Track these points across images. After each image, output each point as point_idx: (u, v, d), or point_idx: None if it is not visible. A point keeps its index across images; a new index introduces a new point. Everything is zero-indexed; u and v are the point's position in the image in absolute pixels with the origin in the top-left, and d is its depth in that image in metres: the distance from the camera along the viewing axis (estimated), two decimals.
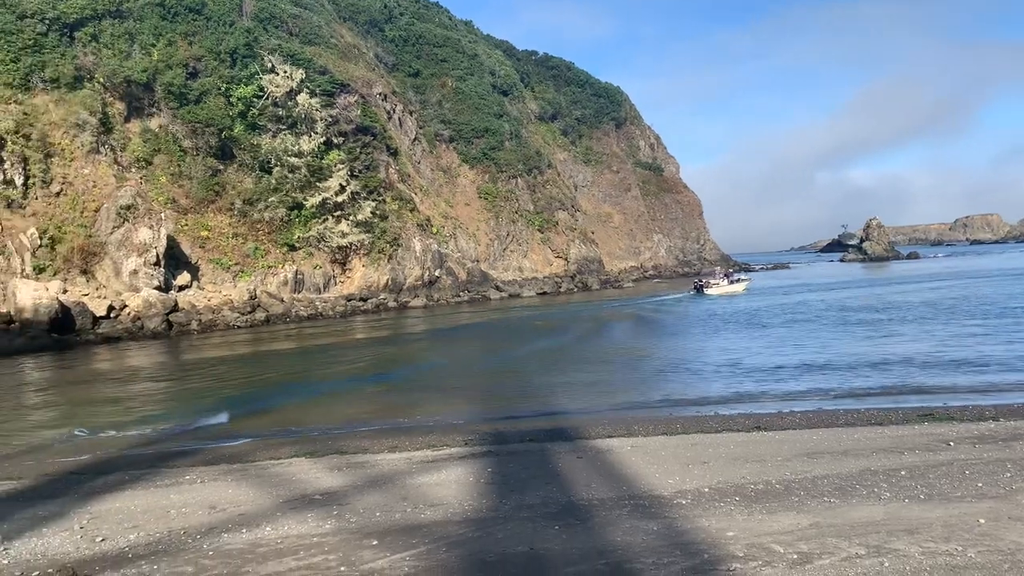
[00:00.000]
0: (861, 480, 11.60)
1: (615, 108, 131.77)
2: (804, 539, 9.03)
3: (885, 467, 12.33)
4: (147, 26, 64.78)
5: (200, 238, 60.59)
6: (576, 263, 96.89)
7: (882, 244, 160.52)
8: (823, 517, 9.84)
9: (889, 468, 12.24)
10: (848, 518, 9.76)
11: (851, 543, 8.81)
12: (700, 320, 48.94)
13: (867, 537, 8.99)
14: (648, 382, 26.22)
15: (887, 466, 12.39)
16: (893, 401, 20.57)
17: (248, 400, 25.27)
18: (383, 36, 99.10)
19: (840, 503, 10.48)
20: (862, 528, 9.33)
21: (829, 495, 10.87)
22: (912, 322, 41.35)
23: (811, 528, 9.43)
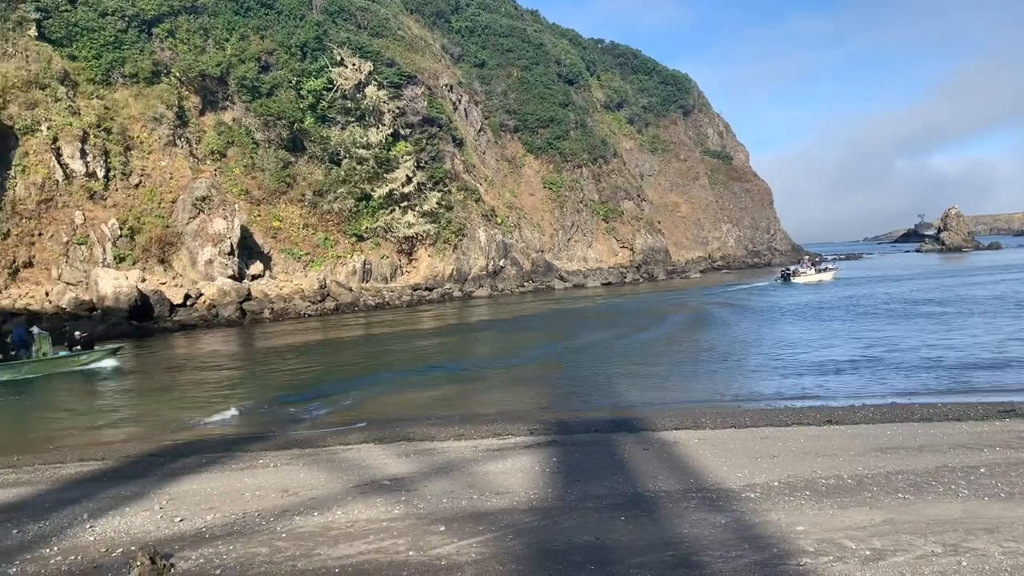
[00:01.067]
0: (937, 477, 11.27)
1: (683, 96, 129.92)
2: (877, 535, 8.83)
3: (963, 464, 11.95)
4: (221, 21, 66.45)
5: (272, 228, 62.05)
6: (642, 253, 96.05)
7: (961, 234, 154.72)
8: (897, 513, 9.61)
9: (967, 465, 11.86)
10: (924, 515, 9.51)
11: (927, 540, 8.58)
12: (784, 311, 47.98)
13: (944, 535, 8.74)
14: (718, 374, 25.87)
15: (965, 463, 12.00)
16: (972, 396, 19.88)
17: (319, 387, 25.81)
18: (449, 27, 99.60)
19: (915, 499, 10.21)
20: (938, 526, 9.08)
21: (903, 491, 10.60)
22: (1003, 315, 39.82)
23: (884, 524, 9.22)
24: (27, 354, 30.98)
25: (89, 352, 32.60)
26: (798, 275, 73.79)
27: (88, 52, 58.15)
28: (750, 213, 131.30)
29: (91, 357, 32.49)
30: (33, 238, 49.56)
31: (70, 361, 31.90)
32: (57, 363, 31.55)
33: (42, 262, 49.47)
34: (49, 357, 31.51)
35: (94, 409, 24.03)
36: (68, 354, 32.13)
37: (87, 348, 32.72)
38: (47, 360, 31.30)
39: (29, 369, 30.60)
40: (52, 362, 31.47)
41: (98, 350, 33.27)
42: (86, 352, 32.45)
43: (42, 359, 31.20)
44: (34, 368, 30.75)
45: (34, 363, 30.89)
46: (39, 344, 31.41)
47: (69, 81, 55.74)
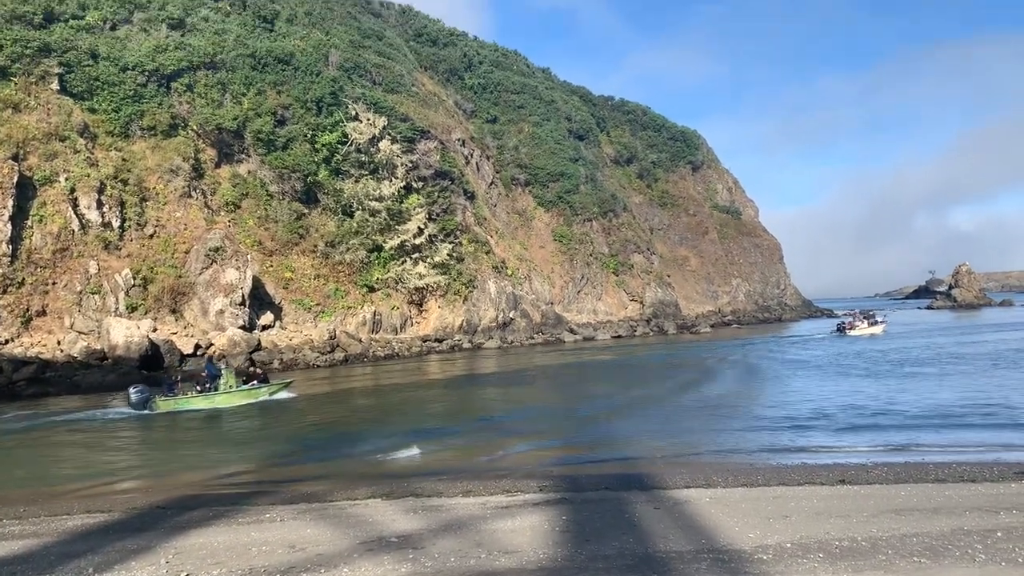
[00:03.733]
0: (953, 540, 11.08)
1: (692, 151, 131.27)
2: None
3: (980, 527, 11.75)
4: (238, 76, 67.85)
5: (284, 279, 62.46)
6: (652, 306, 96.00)
7: (972, 291, 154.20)
8: None
9: (984, 528, 11.66)
10: None
11: None
12: (827, 362, 47.80)
13: None
14: (732, 430, 25.63)
15: (982, 526, 11.80)
16: (989, 454, 19.61)
17: (327, 441, 25.70)
18: (462, 84, 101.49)
19: (931, 563, 10.02)
20: None
21: (919, 555, 10.41)
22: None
23: None
24: (216, 386, 35.10)
25: (268, 385, 36.87)
26: (853, 328, 76.66)
27: (108, 105, 59.43)
28: (760, 268, 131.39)
29: (269, 389, 36.58)
30: (47, 287, 50.03)
31: (253, 393, 35.82)
32: (243, 395, 35.47)
33: (55, 311, 49.84)
34: (235, 389, 35.49)
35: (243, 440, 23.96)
36: (250, 387, 36.14)
37: (264, 382, 36.98)
38: (234, 392, 35.33)
39: (221, 400, 34.72)
40: (239, 394, 35.41)
41: (274, 384, 37.56)
42: (264, 385, 36.65)
43: (229, 391, 35.19)
44: (226, 399, 34.81)
45: (224, 394, 34.99)
46: (226, 378, 35.80)
47: (88, 133, 56.87)
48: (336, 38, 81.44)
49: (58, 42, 58.27)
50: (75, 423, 31.35)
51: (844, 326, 77.81)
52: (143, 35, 65.29)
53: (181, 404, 34.24)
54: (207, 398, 34.69)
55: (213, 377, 35.73)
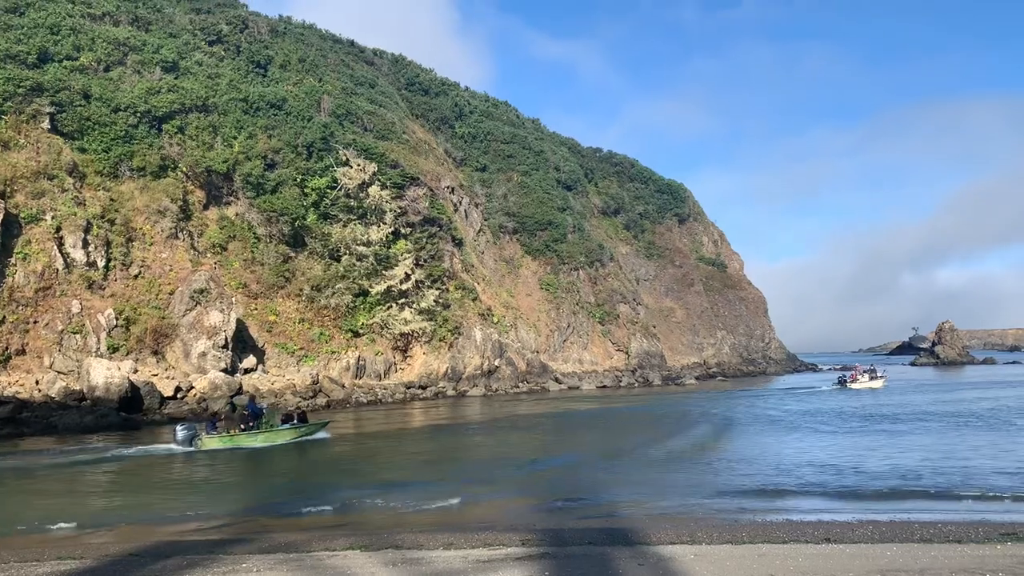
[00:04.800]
0: None
1: (678, 204, 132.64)
2: None
3: None
4: (230, 120, 68.30)
5: (268, 322, 62.13)
6: (637, 357, 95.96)
7: (955, 348, 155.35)
8: None
9: None
10: None
11: None
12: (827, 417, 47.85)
13: None
14: (719, 484, 25.43)
15: None
16: (975, 514, 19.51)
17: (305, 489, 25.30)
18: (453, 132, 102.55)
19: None
20: None
21: None
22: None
23: None
24: (259, 425, 36.38)
25: (308, 425, 37.95)
26: (855, 381, 79.65)
27: (98, 145, 59.56)
28: (745, 321, 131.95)
29: (308, 429, 37.68)
30: (28, 326, 49.50)
31: (293, 432, 36.93)
32: (284, 434, 36.68)
33: (35, 350, 49.26)
34: (276, 428, 36.77)
35: None
36: (290, 426, 37.19)
37: (303, 422, 38.00)
38: (276, 431, 36.57)
39: (264, 438, 35.91)
40: (280, 433, 36.59)
41: (312, 423, 38.66)
42: (304, 425, 37.69)
43: (271, 430, 36.48)
44: (268, 437, 36.03)
45: (268, 433, 36.23)
46: (268, 417, 37.53)
47: (77, 173, 56.87)
48: (329, 84, 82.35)
49: (51, 82, 58.58)
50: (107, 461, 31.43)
51: (846, 379, 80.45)
52: (136, 77, 65.80)
53: (226, 442, 35.01)
54: (251, 436, 35.70)
55: (256, 415, 36.92)
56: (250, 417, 36.65)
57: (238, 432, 35.77)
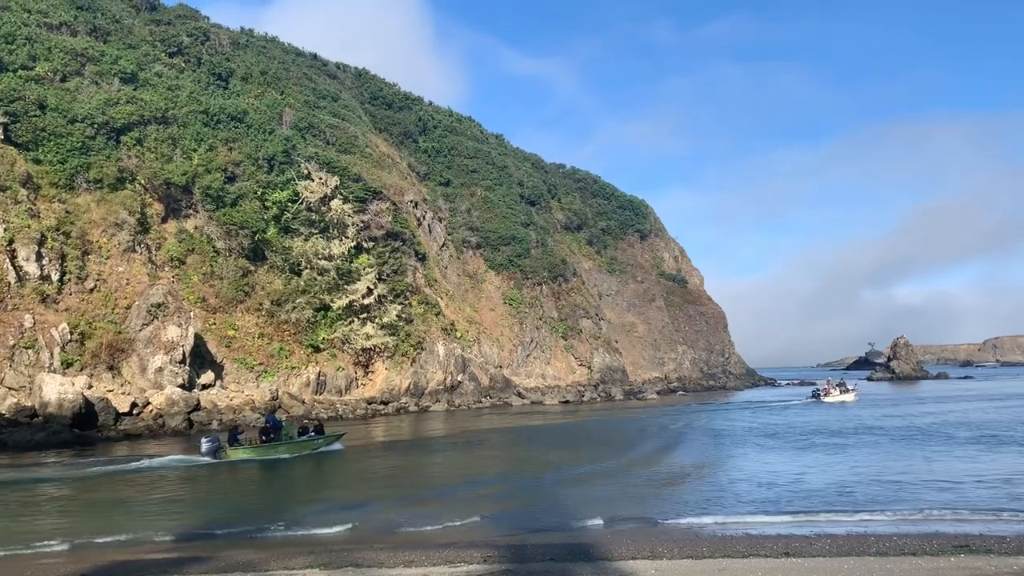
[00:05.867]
0: None
1: (640, 220, 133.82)
2: None
3: None
4: (190, 132, 67.48)
5: (226, 337, 61.26)
6: (600, 372, 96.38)
7: (910, 363, 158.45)
8: None
9: None
10: None
11: None
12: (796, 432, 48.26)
13: None
14: (680, 500, 25.56)
15: None
16: (930, 525, 19.84)
17: (265, 508, 24.92)
18: (416, 147, 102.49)
19: None
20: None
21: None
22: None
23: None
24: (279, 437, 37.91)
25: (324, 437, 39.64)
26: (828, 395, 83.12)
27: (54, 156, 58.38)
28: (705, 336, 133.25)
29: (325, 440, 39.42)
30: None
31: (311, 444, 38.62)
32: (303, 445, 38.27)
33: None
34: (295, 440, 38.39)
35: None
36: (308, 438, 38.91)
37: (320, 433, 39.81)
38: (295, 443, 38.16)
39: (285, 449, 37.52)
40: (299, 444, 38.23)
41: (329, 435, 40.29)
42: (321, 437, 39.46)
43: (291, 442, 38.09)
44: (288, 449, 37.64)
45: (288, 445, 37.80)
46: (287, 429, 39.20)
47: (31, 184, 55.67)
48: (291, 97, 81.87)
49: (5, 91, 57.39)
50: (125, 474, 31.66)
51: (820, 393, 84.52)
52: (94, 88, 64.72)
53: (248, 453, 36.42)
54: (271, 448, 37.20)
55: (276, 428, 38.53)
56: (271, 429, 38.18)
57: (259, 444, 37.27)
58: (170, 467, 33.80)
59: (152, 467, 33.50)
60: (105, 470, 32.97)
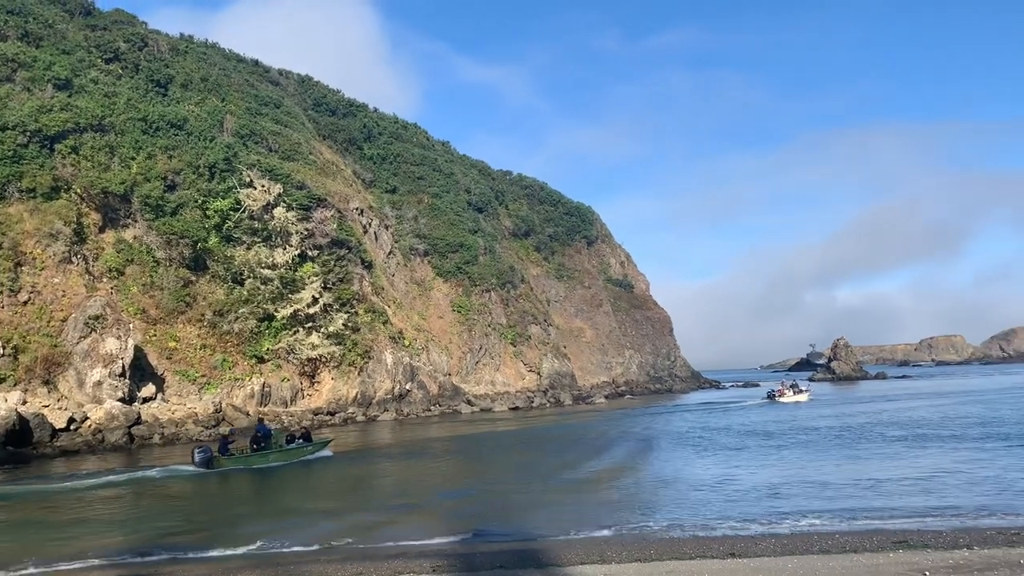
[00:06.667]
0: None
1: (586, 227, 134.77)
2: None
3: None
4: (128, 140, 65.88)
5: (168, 349, 59.86)
6: (548, 377, 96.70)
7: (850, 364, 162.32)
8: None
9: None
10: None
11: None
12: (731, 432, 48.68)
13: None
14: (632, 502, 25.73)
15: None
16: (872, 523, 20.30)
17: (208, 523, 24.39)
18: (361, 154, 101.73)
19: None
20: None
21: None
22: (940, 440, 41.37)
23: None
24: (269, 445, 38.60)
25: (313, 444, 40.53)
26: (783, 395, 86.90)
27: None
28: (651, 340, 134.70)
29: (314, 447, 40.23)
30: None
31: (300, 451, 39.37)
32: (292, 453, 39.02)
33: None
34: (284, 448, 39.07)
35: None
36: (297, 446, 39.64)
37: (308, 441, 40.59)
38: (284, 451, 38.88)
39: (276, 457, 38.18)
40: (289, 452, 38.92)
41: (316, 442, 41.23)
42: (309, 444, 40.27)
43: (280, 449, 38.81)
44: (279, 457, 38.31)
45: (278, 453, 38.54)
46: (276, 438, 39.83)
47: None
48: (232, 104, 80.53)
49: None
50: None
51: (775, 393, 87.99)
52: (26, 94, 62.76)
53: (240, 462, 37.09)
54: (262, 456, 37.89)
55: (266, 436, 39.18)
56: (261, 438, 38.83)
57: (250, 453, 37.96)
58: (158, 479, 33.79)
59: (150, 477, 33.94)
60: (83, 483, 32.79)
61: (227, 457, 36.89)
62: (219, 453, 36.82)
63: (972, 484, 26.97)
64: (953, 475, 29.03)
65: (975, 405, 68.60)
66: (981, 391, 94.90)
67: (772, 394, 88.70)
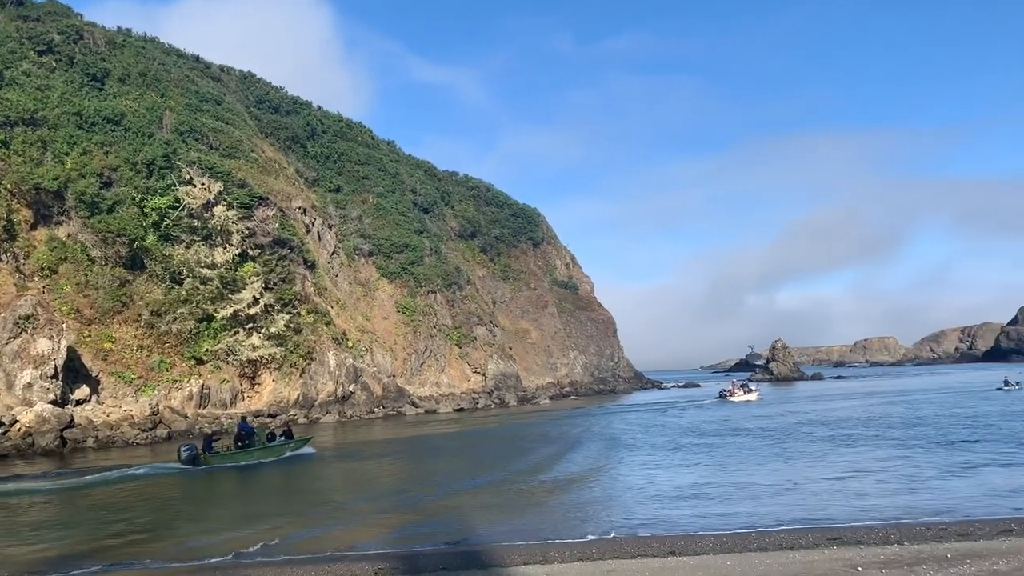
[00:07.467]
0: None
1: (532, 228, 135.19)
2: None
3: None
4: (62, 135, 63.99)
5: (103, 350, 58.25)
6: (494, 379, 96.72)
7: (787, 365, 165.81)
8: None
9: None
10: None
11: None
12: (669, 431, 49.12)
13: None
14: (576, 503, 25.88)
15: None
16: (808, 521, 20.79)
17: (143, 528, 23.81)
18: (305, 152, 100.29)
19: None
20: None
21: None
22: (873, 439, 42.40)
23: None
24: (253, 443, 39.53)
25: (295, 441, 41.65)
26: (733, 395, 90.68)
27: None
28: (595, 341, 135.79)
29: (296, 444, 41.36)
30: None
31: (283, 448, 40.33)
32: (275, 450, 39.93)
33: None
34: (267, 446, 39.94)
35: None
36: (280, 443, 40.53)
37: (289, 438, 41.65)
38: (267, 448, 39.83)
39: (260, 454, 39.17)
40: (271, 449, 39.86)
41: (298, 439, 42.54)
42: (291, 441, 41.33)
43: (263, 447, 39.69)
44: (263, 454, 39.31)
45: (262, 450, 39.43)
46: (259, 435, 40.79)
47: None
48: (171, 100, 78.71)
49: None
50: None
51: (726, 393, 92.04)
52: None
53: (226, 460, 38.08)
54: (247, 453, 38.87)
55: (249, 434, 40.04)
56: (245, 436, 39.73)
57: (235, 450, 38.95)
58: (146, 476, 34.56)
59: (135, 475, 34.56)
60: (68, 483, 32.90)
61: (212, 454, 37.89)
62: (204, 451, 37.64)
63: (895, 481, 27.82)
64: (878, 473, 29.89)
65: (901, 405, 70.78)
66: (908, 391, 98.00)
67: (724, 394, 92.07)
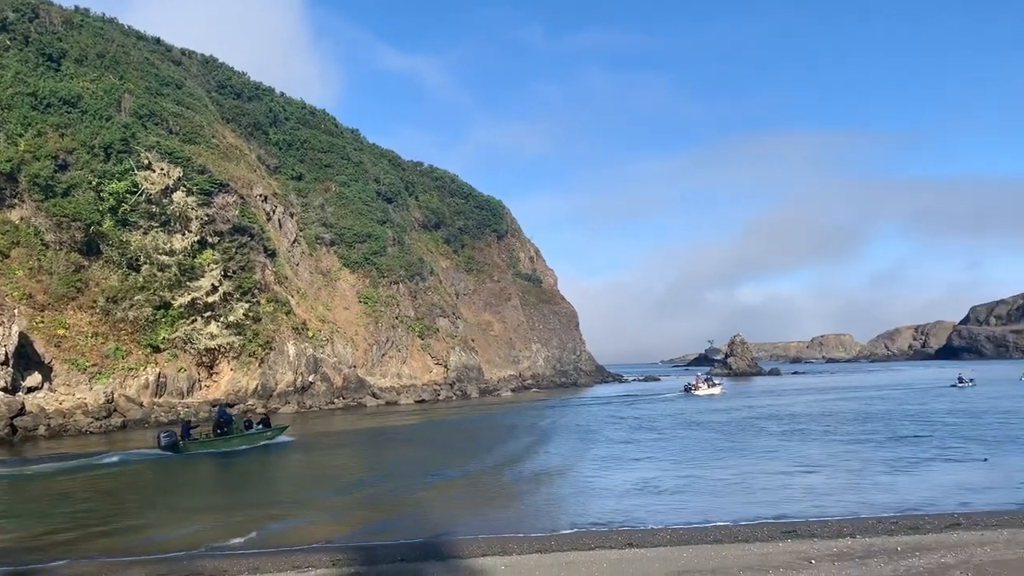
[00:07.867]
0: None
1: (496, 221, 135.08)
2: None
3: None
4: (15, 115, 62.44)
5: (56, 337, 57.02)
6: (456, 371, 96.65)
7: (745, 360, 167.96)
8: None
9: None
10: None
11: None
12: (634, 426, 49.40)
13: None
14: (535, 496, 25.97)
15: None
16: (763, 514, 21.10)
17: (94, 516, 23.40)
18: (267, 139, 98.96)
19: None
20: None
21: None
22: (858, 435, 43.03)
23: None
24: (231, 430, 40.53)
25: (272, 429, 42.51)
26: (698, 388, 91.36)
27: None
28: (558, 334, 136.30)
29: (274, 432, 42.19)
30: None
31: (261, 436, 41.22)
32: (253, 438, 40.76)
33: None
34: (245, 433, 40.86)
35: None
36: (257, 431, 41.43)
37: (267, 426, 42.57)
38: (245, 435, 40.59)
39: (238, 442, 39.94)
40: (250, 437, 40.64)
41: (276, 428, 43.35)
42: (269, 429, 42.26)
43: (241, 434, 40.58)
44: (242, 441, 40.15)
45: (241, 437, 40.28)
46: (237, 422, 41.74)
47: None
48: (131, 83, 77.09)
49: None
50: None
51: (691, 387, 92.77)
52: None
53: (205, 446, 38.74)
54: (225, 441, 39.70)
55: (228, 422, 41.03)
56: (223, 423, 40.67)
57: (214, 437, 39.75)
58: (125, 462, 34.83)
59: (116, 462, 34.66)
60: None
61: (192, 441, 38.54)
62: (183, 438, 38.22)
63: (845, 476, 28.37)
64: (829, 468, 30.43)
65: (855, 401, 72.15)
66: (862, 387, 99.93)
67: (688, 387, 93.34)
